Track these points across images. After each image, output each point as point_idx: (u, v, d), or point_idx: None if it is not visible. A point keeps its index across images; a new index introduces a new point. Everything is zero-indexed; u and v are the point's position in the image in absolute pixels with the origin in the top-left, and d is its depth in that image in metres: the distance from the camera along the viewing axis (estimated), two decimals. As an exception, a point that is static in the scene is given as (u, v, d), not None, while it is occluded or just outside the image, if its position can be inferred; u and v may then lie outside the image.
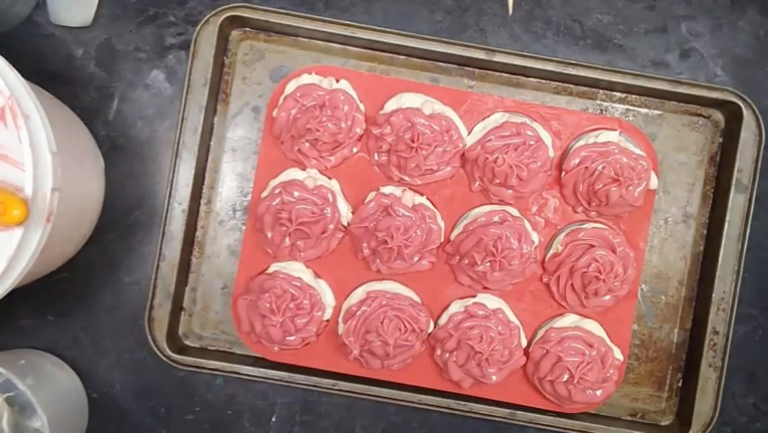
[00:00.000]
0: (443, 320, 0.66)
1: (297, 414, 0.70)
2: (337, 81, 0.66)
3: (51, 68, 0.69)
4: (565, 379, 0.63)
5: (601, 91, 0.69)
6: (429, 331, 0.66)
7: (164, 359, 0.66)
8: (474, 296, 0.66)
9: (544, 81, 0.69)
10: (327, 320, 0.66)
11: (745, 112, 0.66)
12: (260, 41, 0.69)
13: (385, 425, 0.70)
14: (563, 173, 0.66)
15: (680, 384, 0.69)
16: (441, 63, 0.69)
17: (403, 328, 0.63)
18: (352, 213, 0.66)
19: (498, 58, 0.66)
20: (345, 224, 0.66)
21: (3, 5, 0.65)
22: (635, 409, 0.69)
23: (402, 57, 0.69)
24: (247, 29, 0.69)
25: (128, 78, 0.69)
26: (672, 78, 0.68)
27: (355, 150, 0.67)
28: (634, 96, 0.69)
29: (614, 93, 0.69)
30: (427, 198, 0.67)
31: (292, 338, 0.64)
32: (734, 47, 0.70)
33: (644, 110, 0.70)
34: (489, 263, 0.63)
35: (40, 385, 0.61)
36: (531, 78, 0.69)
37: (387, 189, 0.66)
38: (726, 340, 0.67)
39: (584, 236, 0.65)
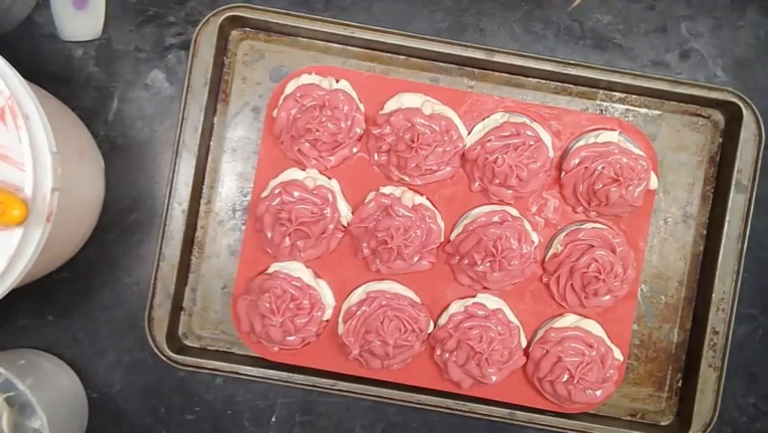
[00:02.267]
0: (442, 320, 0.66)
1: (296, 414, 0.70)
2: (337, 81, 0.66)
3: (51, 68, 0.69)
4: (565, 379, 0.63)
5: (601, 91, 0.69)
6: (429, 331, 0.66)
7: (164, 359, 0.66)
8: (474, 296, 0.66)
9: (543, 81, 0.69)
10: (327, 320, 0.66)
11: (745, 112, 0.66)
12: (260, 41, 0.69)
13: (384, 425, 0.70)
14: (563, 173, 0.66)
15: (680, 384, 0.69)
16: (441, 63, 0.69)
17: (403, 328, 0.63)
18: (352, 213, 0.66)
19: (498, 58, 0.66)
20: (345, 224, 0.66)
21: (3, 6, 0.65)
22: (634, 410, 0.69)
23: (402, 57, 0.69)
24: (247, 29, 0.69)
25: (128, 78, 0.69)
26: (672, 78, 0.68)
27: (355, 150, 0.67)
28: (634, 97, 0.69)
29: (614, 93, 0.69)
30: (427, 198, 0.67)
31: (292, 338, 0.64)
32: (734, 47, 0.70)
33: (643, 110, 0.69)
34: (488, 263, 0.63)
35: (40, 385, 0.61)
36: (531, 78, 0.69)
37: (387, 189, 0.66)
38: (726, 340, 0.66)
39: (584, 236, 0.65)
